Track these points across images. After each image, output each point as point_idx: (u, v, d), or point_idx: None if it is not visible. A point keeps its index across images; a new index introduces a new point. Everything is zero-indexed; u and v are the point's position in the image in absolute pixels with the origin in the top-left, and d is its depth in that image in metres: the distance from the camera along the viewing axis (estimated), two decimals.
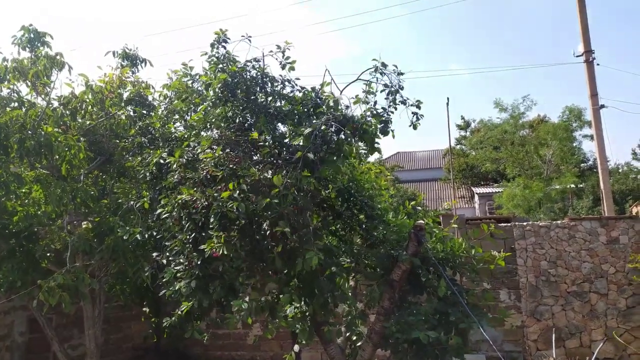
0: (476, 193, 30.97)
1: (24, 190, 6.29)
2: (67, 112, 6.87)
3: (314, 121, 4.50)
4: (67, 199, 6.03)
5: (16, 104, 6.60)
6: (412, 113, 4.71)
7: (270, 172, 4.22)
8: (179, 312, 4.45)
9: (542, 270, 9.11)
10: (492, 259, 5.26)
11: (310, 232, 4.28)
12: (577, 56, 14.25)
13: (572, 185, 21.89)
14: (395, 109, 4.67)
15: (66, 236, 6.24)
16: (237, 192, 4.02)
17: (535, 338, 8.98)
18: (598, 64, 14.12)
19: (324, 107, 4.74)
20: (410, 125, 4.72)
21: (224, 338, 10.43)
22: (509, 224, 9.48)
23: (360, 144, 4.72)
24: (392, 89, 4.67)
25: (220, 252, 3.87)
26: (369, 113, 4.67)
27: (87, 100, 6.99)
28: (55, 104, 6.90)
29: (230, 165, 4.24)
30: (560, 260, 9.08)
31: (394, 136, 4.72)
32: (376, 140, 4.62)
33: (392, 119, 4.69)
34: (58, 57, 6.56)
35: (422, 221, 5.23)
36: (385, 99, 4.70)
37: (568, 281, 9.00)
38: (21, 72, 6.47)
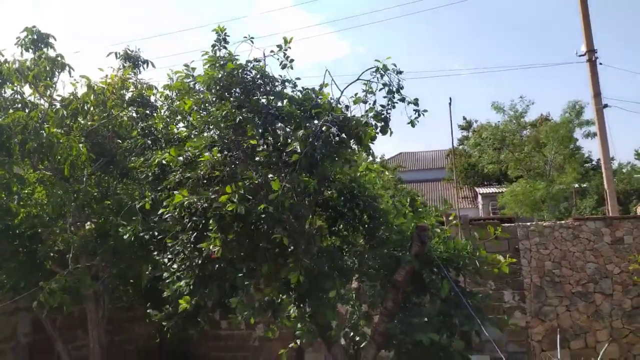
0: (479, 193, 30.88)
1: (26, 192, 6.30)
2: (69, 112, 6.88)
3: (314, 122, 4.47)
4: (68, 200, 6.03)
5: (19, 106, 6.62)
6: (414, 110, 4.68)
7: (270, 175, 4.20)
8: (173, 310, 4.43)
9: (546, 271, 9.05)
10: (497, 262, 5.21)
11: (304, 240, 4.24)
12: (580, 55, 14.12)
13: (576, 185, 21.70)
14: (394, 107, 4.65)
15: (69, 237, 6.24)
16: (236, 195, 3.96)
17: (539, 339, 8.92)
18: (601, 63, 14.01)
19: (321, 109, 4.69)
20: (408, 123, 4.67)
21: (227, 339, 10.39)
22: (513, 224, 9.43)
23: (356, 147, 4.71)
24: (392, 88, 4.63)
25: (218, 253, 3.86)
26: (371, 114, 4.64)
27: (89, 101, 7.00)
28: (58, 105, 6.91)
29: (227, 169, 4.20)
30: (564, 260, 9.02)
31: (391, 134, 4.71)
32: (370, 143, 4.62)
33: (392, 117, 4.69)
34: (59, 58, 6.57)
35: (425, 223, 5.20)
36: (384, 97, 4.67)
37: (572, 281, 8.94)
38: (21, 74, 6.47)
